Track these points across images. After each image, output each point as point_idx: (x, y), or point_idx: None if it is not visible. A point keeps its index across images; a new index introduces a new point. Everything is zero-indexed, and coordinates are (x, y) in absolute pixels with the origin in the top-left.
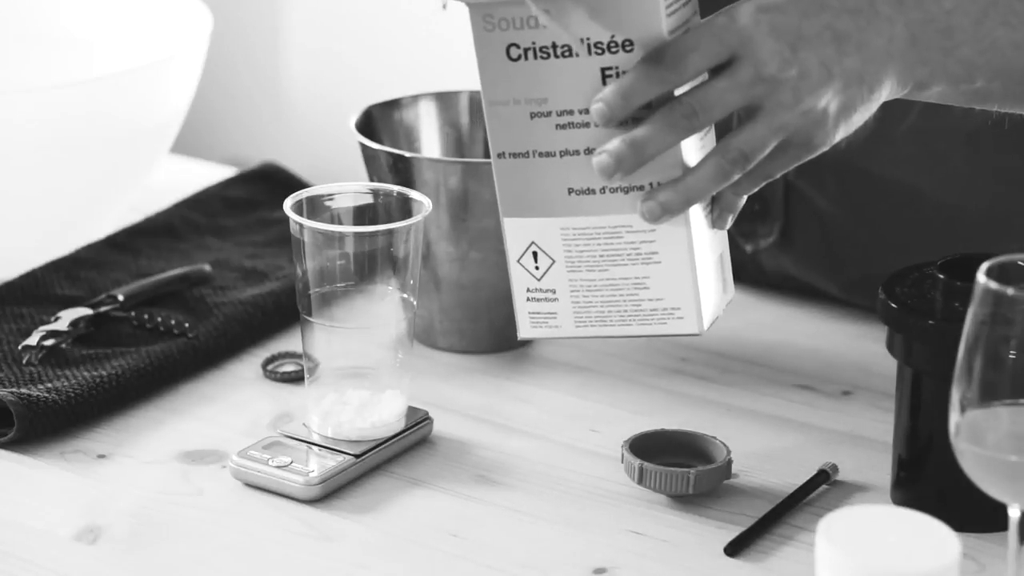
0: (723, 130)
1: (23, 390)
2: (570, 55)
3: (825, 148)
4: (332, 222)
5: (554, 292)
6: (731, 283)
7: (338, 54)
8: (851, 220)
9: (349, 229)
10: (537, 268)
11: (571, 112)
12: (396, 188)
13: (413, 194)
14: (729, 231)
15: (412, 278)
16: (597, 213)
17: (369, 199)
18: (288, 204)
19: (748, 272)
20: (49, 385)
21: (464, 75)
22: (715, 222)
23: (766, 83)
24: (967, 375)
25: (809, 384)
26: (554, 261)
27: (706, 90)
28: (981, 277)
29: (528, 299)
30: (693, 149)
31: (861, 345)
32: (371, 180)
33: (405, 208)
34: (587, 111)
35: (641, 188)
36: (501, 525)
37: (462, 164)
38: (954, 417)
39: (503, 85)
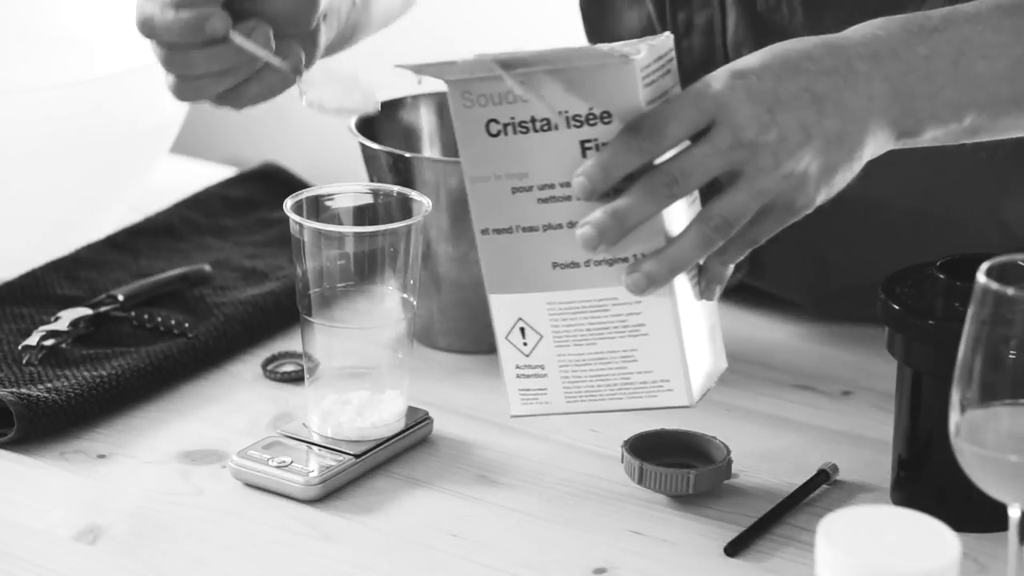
0: (707, 195)
1: (23, 390)
2: (549, 129)
3: (809, 210)
4: (332, 222)
5: (543, 368)
6: (723, 353)
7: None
8: (822, 242)
9: (349, 229)
10: (525, 344)
11: (552, 186)
12: (396, 188)
13: (413, 194)
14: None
15: (412, 278)
16: (582, 287)
17: (369, 199)
18: (288, 204)
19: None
20: (49, 385)
21: None
22: (703, 293)
23: (745, 148)
24: (967, 375)
25: (809, 384)
26: (542, 336)
27: (686, 157)
28: (981, 277)
29: (518, 375)
30: (677, 217)
31: (861, 345)
32: (371, 180)
33: (405, 208)
34: (568, 184)
35: (625, 260)
36: (501, 525)
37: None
38: (954, 417)
39: (484, 161)
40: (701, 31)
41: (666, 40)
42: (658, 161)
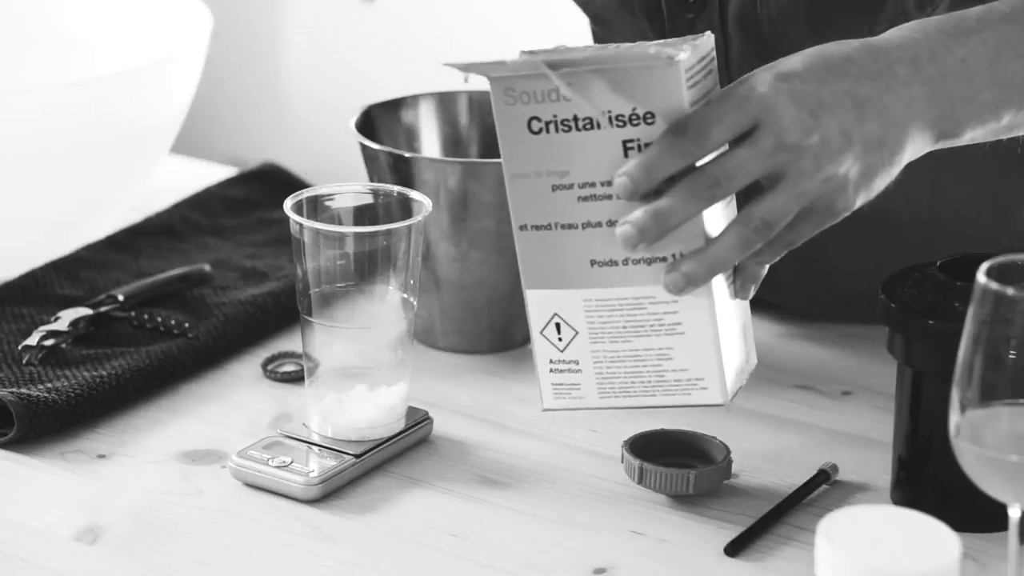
0: (743, 196)
1: (23, 390)
2: (592, 128)
3: (847, 213)
4: (332, 222)
5: (577, 363)
6: (754, 351)
7: (338, 54)
8: (825, 251)
9: (349, 229)
10: (560, 339)
11: (593, 184)
12: (396, 188)
13: (413, 194)
14: None
15: (412, 278)
16: (620, 285)
17: (369, 199)
18: (288, 204)
19: None
20: (49, 385)
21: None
22: (738, 292)
23: (787, 151)
24: (967, 375)
25: (809, 384)
26: (577, 332)
27: (728, 160)
28: (981, 277)
29: (551, 370)
30: (715, 218)
31: (861, 345)
32: (371, 180)
33: (405, 208)
34: (609, 183)
35: (664, 259)
36: (501, 525)
37: (462, 164)
38: (954, 417)
39: (525, 158)
40: None
41: (707, 39)
42: (700, 163)
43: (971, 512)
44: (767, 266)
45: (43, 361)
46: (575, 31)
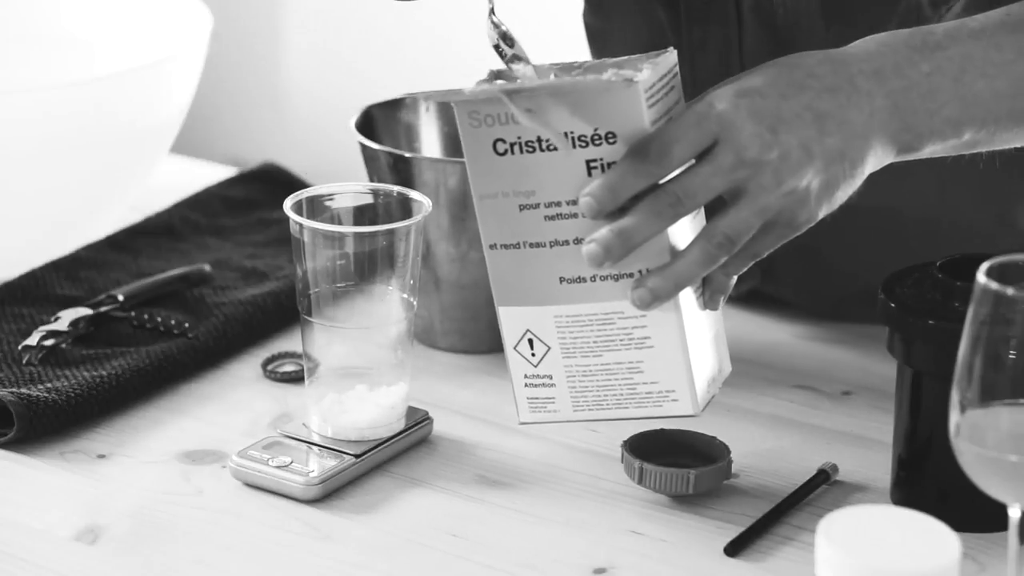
0: (710, 208)
1: (23, 390)
2: (554, 149)
3: (811, 225)
4: (332, 222)
5: (551, 378)
6: (727, 359)
7: (338, 54)
8: (831, 249)
9: (349, 229)
10: (533, 355)
11: (559, 204)
12: (396, 188)
13: (413, 194)
14: None
15: (412, 278)
16: (589, 301)
17: (369, 199)
18: (288, 204)
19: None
20: (49, 385)
21: (464, 75)
22: (707, 303)
23: (747, 167)
24: (967, 375)
25: (809, 384)
26: (549, 348)
27: (690, 177)
28: (981, 277)
29: (526, 384)
30: (682, 233)
31: (861, 345)
32: (371, 180)
33: (405, 208)
34: (574, 203)
35: (631, 275)
36: (501, 525)
37: (462, 164)
38: (954, 417)
39: (491, 178)
40: (717, 47)
41: (670, 56)
42: (663, 181)
43: (971, 512)
44: (735, 277)
45: (43, 361)
46: (575, 31)
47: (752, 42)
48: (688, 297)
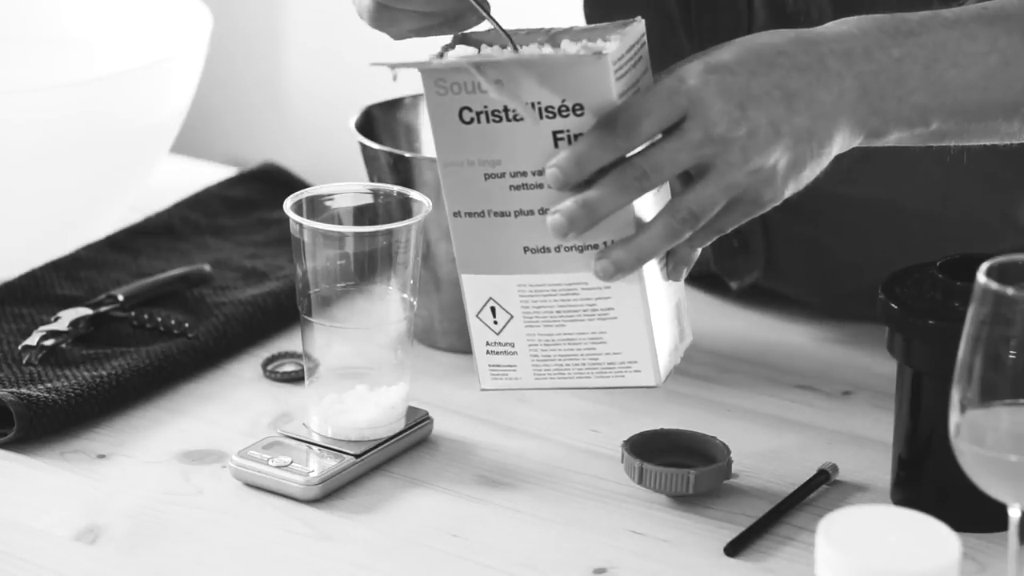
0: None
1: (23, 390)
2: (521, 119)
3: (776, 204)
4: (332, 222)
5: (513, 346)
6: (689, 329)
7: (338, 54)
8: (834, 243)
9: (349, 229)
10: (495, 323)
11: (524, 174)
12: (396, 188)
13: (413, 194)
14: (713, 271)
15: (412, 278)
16: (553, 271)
17: (369, 199)
18: (288, 204)
19: (728, 289)
20: (49, 385)
21: None
22: (670, 274)
23: (715, 143)
24: (967, 375)
25: (809, 384)
26: (512, 316)
27: (657, 152)
28: (981, 277)
29: (488, 352)
30: (647, 206)
31: (861, 345)
32: (371, 180)
33: (405, 208)
34: (540, 173)
35: (595, 247)
36: (501, 525)
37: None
38: (954, 417)
39: (457, 147)
40: (726, 34)
41: (638, 25)
42: (630, 154)
43: (971, 512)
44: (699, 250)
45: (43, 361)
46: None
47: (761, 29)
48: (652, 269)
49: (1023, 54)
